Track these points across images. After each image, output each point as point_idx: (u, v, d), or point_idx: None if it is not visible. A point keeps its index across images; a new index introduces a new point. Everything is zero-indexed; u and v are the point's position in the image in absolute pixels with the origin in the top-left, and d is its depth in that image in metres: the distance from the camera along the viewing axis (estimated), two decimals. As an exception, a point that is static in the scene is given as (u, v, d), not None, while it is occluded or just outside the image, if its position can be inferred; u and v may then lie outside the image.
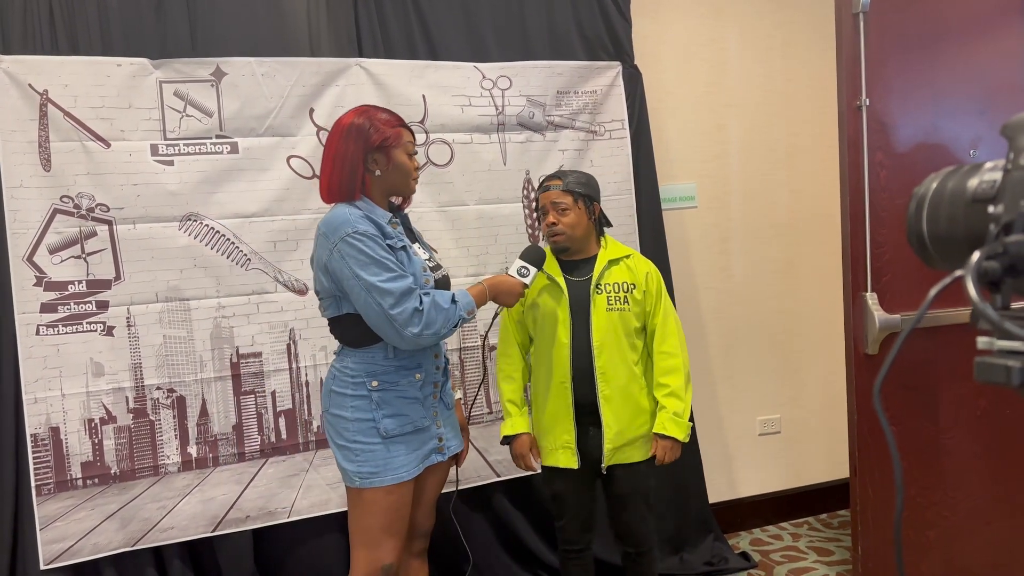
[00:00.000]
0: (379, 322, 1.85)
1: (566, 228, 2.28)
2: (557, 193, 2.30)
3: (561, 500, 2.39)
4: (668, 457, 2.30)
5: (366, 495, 1.93)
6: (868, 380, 2.60)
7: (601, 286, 2.30)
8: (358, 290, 1.84)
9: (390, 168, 1.96)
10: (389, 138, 1.94)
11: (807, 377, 3.67)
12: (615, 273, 2.33)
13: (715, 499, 3.45)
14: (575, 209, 2.29)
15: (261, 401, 2.65)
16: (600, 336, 2.27)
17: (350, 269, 1.83)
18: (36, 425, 2.42)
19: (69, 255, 2.46)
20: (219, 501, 2.59)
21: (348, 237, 1.83)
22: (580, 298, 2.30)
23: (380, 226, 1.89)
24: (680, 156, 3.41)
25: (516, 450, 2.37)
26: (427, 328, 1.86)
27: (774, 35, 3.53)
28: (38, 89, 2.42)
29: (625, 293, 2.31)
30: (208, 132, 2.59)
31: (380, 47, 2.83)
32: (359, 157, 1.92)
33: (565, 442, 2.30)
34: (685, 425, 2.29)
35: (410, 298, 1.84)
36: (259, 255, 2.64)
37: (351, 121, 1.94)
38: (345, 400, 1.94)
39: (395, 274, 1.84)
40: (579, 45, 3.08)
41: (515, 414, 2.37)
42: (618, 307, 2.30)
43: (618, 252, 2.39)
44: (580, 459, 2.30)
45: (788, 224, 3.60)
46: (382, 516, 1.93)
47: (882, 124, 2.54)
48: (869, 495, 2.63)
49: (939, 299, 0.71)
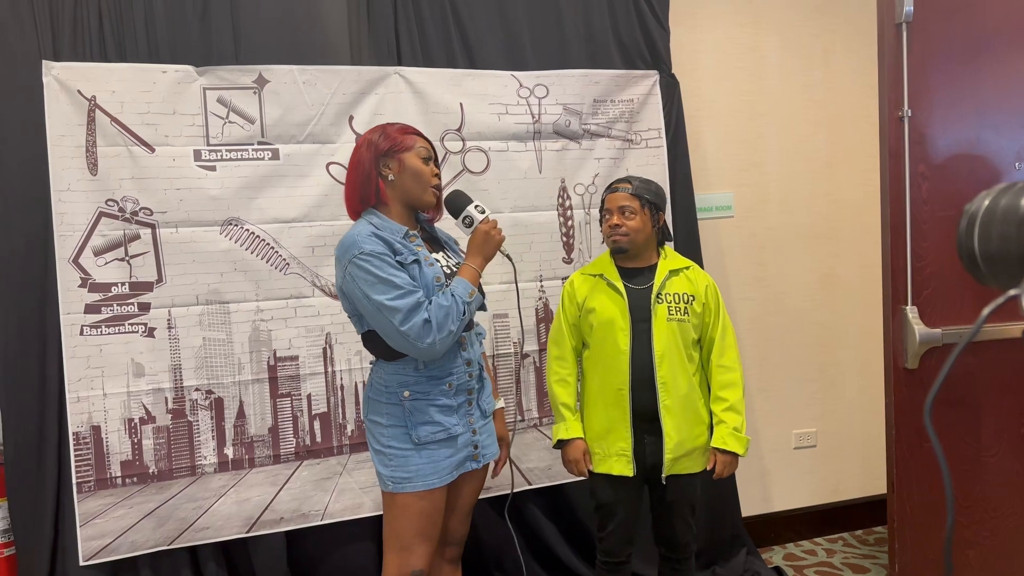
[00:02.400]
0: (394, 338, 1.87)
1: (630, 231, 2.27)
2: (626, 196, 2.29)
3: (608, 509, 2.36)
4: (727, 471, 2.28)
5: (398, 499, 1.95)
6: (907, 395, 2.56)
7: (662, 295, 2.29)
8: (371, 310, 1.87)
9: (403, 172, 1.98)
10: (399, 142, 1.98)
11: (844, 391, 3.62)
12: (676, 284, 2.32)
13: (749, 512, 3.42)
14: (641, 214, 2.28)
15: (297, 404, 2.67)
16: (662, 346, 2.25)
17: (361, 291, 1.86)
18: (78, 423, 2.46)
19: (113, 257, 2.51)
20: (254, 502, 2.62)
21: (356, 259, 1.85)
22: (640, 306, 2.28)
23: (389, 243, 1.90)
24: (717, 165, 3.38)
25: (570, 455, 2.34)
26: (439, 332, 1.87)
27: (814, 44, 3.49)
28: (86, 95, 2.47)
29: (685, 304, 2.30)
30: (250, 139, 2.62)
31: (419, 55, 2.85)
32: (372, 163, 1.97)
33: (621, 449, 2.28)
34: (745, 440, 2.28)
35: (418, 312, 1.85)
36: (297, 260, 2.67)
37: (365, 136, 2.02)
38: (380, 407, 1.98)
39: (402, 291, 1.85)
40: (616, 53, 3.07)
41: (570, 418, 2.35)
42: (678, 318, 2.28)
43: (679, 263, 2.37)
44: (635, 467, 2.28)
45: (827, 235, 3.55)
46: (414, 521, 1.94)
47: (924, 135, 2.51)
48: (907, 512, 2.58)
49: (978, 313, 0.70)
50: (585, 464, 2.33)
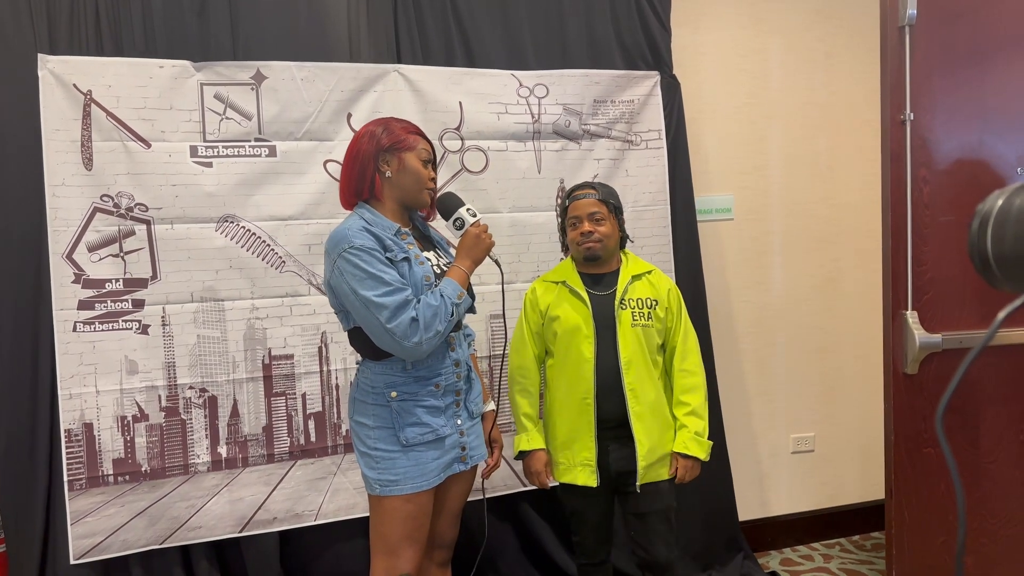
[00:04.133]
0: (380, 336, 1.85)
1: (603, 237, 2.26)
2: (593, 202, 2.27)
3: (579, 517, 2.36)
4: (689, 476, 2.28)
5: (385, 503, 1.93)
6: (906, 400, 2.54)
7: (625, 301, 2.27)
8: (358, 306, 1.84)
9: (401, 171, 1.97)
10: (402, 140, 1.96)
11: (843, 395, 3.60)
12: (638, 288, 2.31)
13: (746, 517, 3.40)
14: (609, 219, 2.29)
15: (291, 403, 2.65)
16: (628, 352, 2.24)
17: (348, 285, 1.84)
18: (70, 420, 2.44)
19: (107, 253, 2.49)
20: (247, 502, 2.60)
21: (345, 253, 1.83)
22: (604, 313, 2.27)
23: (380, 239, 1.88)
24: (718, 167, 3.37)
25: (532, 466, 2.32)
26: (426, 332, 1.85)
27: (817, 47, 3.48)
28: (82, 89, 2.45)
29: (649, 309, 2.29)
30: (247, 135, 2.60)
31: (419, 53, 2.83)
32: (371, 156, 1.95)
33: (584, 459, 2.26)
34: (706, 444, 2.27)
35: (406, 310, 1.83)
36: (293, 258, 2.65)
37: (368, 127, 1.99)
38: (367, 408, 1.96)
39: (391, 288, 1.83)
40: (618, 54, 3.05)
41: (531, 429, 2.33)
42: (642, 323, 2.27)
43: (640, 267, 2.36)
44: (599, 477, 2.26)
45: (828, 239, 3.54)
46: (401, 524, 1.92)
47: (926, 139, 2.49)
48: (905, 518, 2.56)
49: (979, 318, 0.67)
50: (546, 476, 2.32)
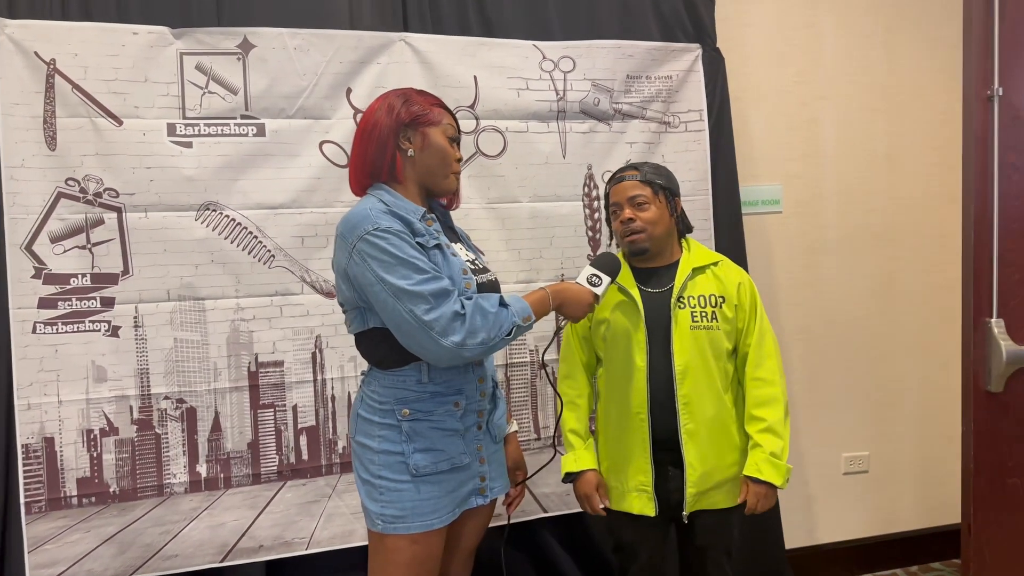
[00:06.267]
0: (413, 333, 1.58)
1: (646, 225, 2.00)
2: (634, 184, 2.02)
3: (629, 551, 2.10)
4: (761, 506, 1.99)
5: (388, 542, 1.69)
6: (989, 421, 2.28)
7: (684, 299, 2.01)
8: (384, 297, 1.58)
9: (425, 149, 1.74)
10: (426, 114, 1.74)
11: (901, 411, 3.38)
12: (701, 284, 2.04)
13: (792, 544, 3.19)
14: (655, 203, 2.01)
15: (281, 416, 2.46)
16: (683, 359, 1.98)
17: (373, 273, 1.58)
18: (28, 434, 2.26)
19: (73, 245, 2.29)
20: (230, 527, 2.41)
21: (368, 235, 1.58)
22: (659, 314, 2.01)
23: (409, 222, 1.65)
24: (765, 154, 3.14)
25: (581, 489, 2.07)
26: (471, 336, 1.59)
27: (876, 20, 3.23)
28: (45, 58, 2.25)
29: (713, 308, 2.02)
30: (232, 111, 2.41)
31: (428, 21, 2.62)
32: (390, 131, 1.72)
33: (640, 484, 2.02)
34: (784, 468, 1.97)
35: (448, 300, 1.58)
36: (284, 251, 2.45)
37: (386, 97, 1.77)
38: (372, 428, 1.72)
39: (427, 275, 1.59)
40: (654, 24, 2.81)
41: (579, 447, 2.09)
42: (704, 325, 2.00)
43: (704, 258, 2.09)
44: (657, 505, 2.01)
45: (886, 236, 3.31)
46: (405, 569, 1.69)
47: (1017, 118, 2.22)
48: (985, 558, 2.29)
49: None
50: (600, 500, 2.06)
